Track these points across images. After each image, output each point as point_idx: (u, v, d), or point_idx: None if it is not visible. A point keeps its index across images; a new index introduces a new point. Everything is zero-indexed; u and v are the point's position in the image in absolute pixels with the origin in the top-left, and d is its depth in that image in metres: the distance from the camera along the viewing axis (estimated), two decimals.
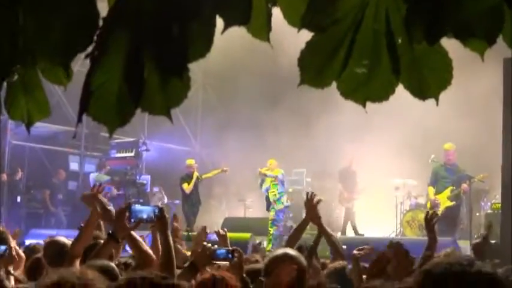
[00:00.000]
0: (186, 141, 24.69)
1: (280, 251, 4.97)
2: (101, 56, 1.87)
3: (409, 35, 1.98)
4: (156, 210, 5.05)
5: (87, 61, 1.94)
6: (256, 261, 6.27)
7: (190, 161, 19.69)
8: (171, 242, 4.97)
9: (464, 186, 16.39)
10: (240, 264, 5.33)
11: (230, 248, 5.46)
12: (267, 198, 18.25)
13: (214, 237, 7.21)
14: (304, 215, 7.03)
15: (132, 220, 4.94)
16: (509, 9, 1.80)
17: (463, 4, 1.81)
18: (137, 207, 5.07)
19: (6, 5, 1.86)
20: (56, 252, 5.72)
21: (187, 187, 18.82)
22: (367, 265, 5.58)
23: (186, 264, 5.14)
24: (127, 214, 4.94)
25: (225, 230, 7.18)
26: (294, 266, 4.55)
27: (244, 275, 5.25)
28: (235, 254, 5.29)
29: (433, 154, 17.22)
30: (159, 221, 5.01)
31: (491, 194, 17.93)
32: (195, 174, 18.90)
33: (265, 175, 18.11)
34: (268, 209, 18.21)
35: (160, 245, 5.09)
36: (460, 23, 1.83)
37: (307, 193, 6.85)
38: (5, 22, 1.87)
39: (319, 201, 6.63)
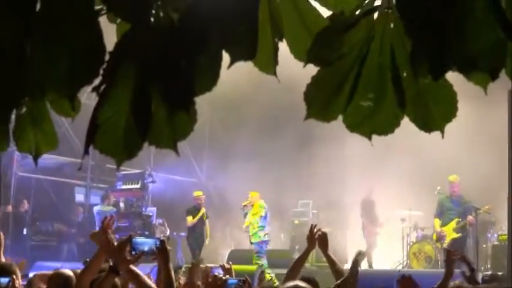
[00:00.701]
0: (192, 172, 24.68)
1: (291, 283, 4.98)
2: (108, 90, 1.90)
3: (414, 70, 1.99)
4: (158, 243, 5.05)
5: (94, 94, 1.96)
6: None
7: (198, 193, 19.68)
8: (172, 274, 4.96)
9: (470, 218, 16.37)
10: None
11: (241, 278, 5.46)
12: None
13: (219, 271, 7.19)
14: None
15: (134, 252, 4.93)
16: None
17: (467, 40, 1.82)
18: (139, 239, 5.07)
19: (15, 37, 1.88)
20: (61, 285, 5.70)
21: (190, 220, 18.86)
22: None
23: None
24: (128, 246, 4.93)
25: (230, 263, 7.18)
26: None
27: None
28: (246, 285, 5.29)
29: (439, 186, 17.20)
30: (160, 253, 5.01)
31: (497, 225, 17.86)
32: (203, 210, 18.92)
33: (245, 206, 18.26)
34: (251, 242, 18.37)
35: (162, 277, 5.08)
36: (463, 58, 1.85)
37: (311, 225, 6.95)
38: (13, 54, 1.89)
39: (321, 233, 6.69)
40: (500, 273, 10.37)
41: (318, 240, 6.69)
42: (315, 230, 6.76)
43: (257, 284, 12.07)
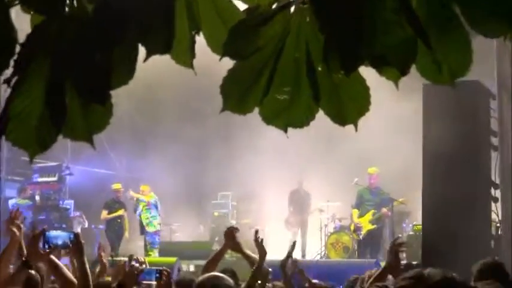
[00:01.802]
0: (110, 165, 24.38)
1: (211, 274, 5.04)
2: (21, 81, 1.86)
3: (327, 65, 2.03)
4: (72, 236, 4.99)
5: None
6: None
7: (117, 185, 19.55)
8: (87, 267, 4.92)
9: (384, 210, 16.75)
10: (168, 284, 5.32)
11: (158, 269, 5.44)
12: (140, 222, 18.64)
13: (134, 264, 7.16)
14: None
15: (47, 246, 4.87)
16: (422, 42, 1.87)
17: (377, 37, 1.87)
18: (52, 233, 5.01)
19: None
20: None
21: (104, 215, 18.88)
22: None
23: (114, 285, 5.09)
24: (41, 240, 4.87)
25: (144, 257, 7.21)
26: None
27: None
28: (164, 274, 5.29)
29: (357, 177, 17.50)
30: (74, 247, 4.95)
31: (412, 216, 18.27)
32: (120, 211, 18.86)
33: (138, 199, 18.37)
34: (141, 233, 18.63)
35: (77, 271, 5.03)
36: (374, 54, 1.90)
37: (229, 227, 7.09)
38: None
39: (236, 229, 6.89)
40: (414, 263, 10.63)
41: (226, 236, 6.75)
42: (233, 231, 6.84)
43: (176, 276, 12.05)
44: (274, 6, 2.26)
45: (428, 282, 2.39)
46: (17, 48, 1.86)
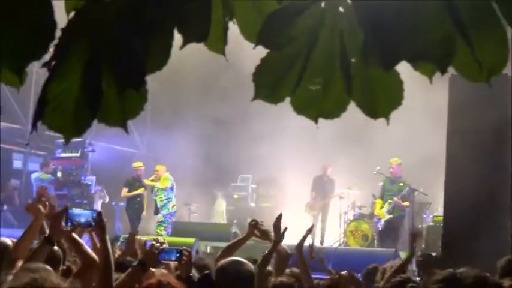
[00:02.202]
0: (132, 143, 24.49)
1: (231, 258, 5.06)
2: (59, 66, 1.87)
3: (366, 61, 2.02)
4: (94, 215, 5.03)
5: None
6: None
7: (138, 164, 19.64)
8: (109, 245, 4.95)
9: (396, 199, 16.67)
10: (189, 263, 5.36)
11: (179, 248, 5.47)
12: (155, 203, 18.74)
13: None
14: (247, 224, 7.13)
15: (69, 224, 4.91)
16: (463, 40, 1.86)
17: (418, 34, 1.86)
18: (75, 211, 5.05)
19: None
20: None
21: (124, 193, 18.97)
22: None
23: (134, 263, 5.12)
24: (64, 217, 4.92)
25: (164, 238, 7.25)
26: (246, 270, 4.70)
27: (192, 274, 5.29)
28: (185, 253, 5.32)
29: (379, 166, 17.44)
30: (97, 226, 4.99)
31: (433, 207, 18.22)
32: (140, 190, 18.95)
33: (154, 186, 18.41)
34: (155, 213, 18.74)
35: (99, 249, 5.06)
36: (414, 51, 1.88)
37: (253, 220, 7.00)
38: None
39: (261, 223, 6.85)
40: (434, 254, 10.60)
41: (261, 234, 6.77)
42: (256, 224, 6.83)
43: (194, 256, 12.11)
44: None
45: (461, 284, 2.37)
46: (58, 33, 1.87)
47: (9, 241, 5.85)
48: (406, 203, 16.87)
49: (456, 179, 10.05)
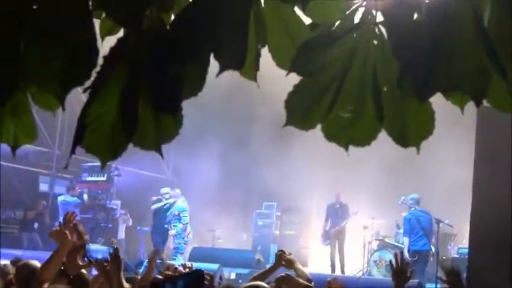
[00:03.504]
0: (158, 168, 24.59)
1: (254, 283, 5.07)
2: (98, 91, 1.91)
3: (402, 92, 2.03)
4: (111, 250, 5.09)
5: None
6: None
7: (165, 190, 19.71)
8: (123, 282, 4.99)
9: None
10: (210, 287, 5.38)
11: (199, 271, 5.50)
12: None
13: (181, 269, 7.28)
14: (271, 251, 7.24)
15: (86, 259, 4.99)
16: (496, 72, 1.87)
17: (453, 65, 1.87)
18: (92, 246, 5.16)
19: (11, 34, 1.88)
20: (28, 276, 5.68)
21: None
22: None
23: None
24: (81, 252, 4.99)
25: (191, 263, 7.31)
26: None
27: None
28: (206, 278, 5.34)
29: (403, 196, 17.33)
30: (113, 261, 5.03)
31: (458, 238, 18.07)
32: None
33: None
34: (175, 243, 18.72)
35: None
36: (450, 83, 1.89)
37: (280, 250, 7.15)
38: (8, 50, 1.89)
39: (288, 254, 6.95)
40: None
41: (286, 263, 6.88)
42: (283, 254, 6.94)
43: (217, 282, 12.10)
44: (337, 23, 2.28)
45: None
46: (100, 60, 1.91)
47: (37, 264, 5.91)
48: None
49: (483, 209, 9.96)
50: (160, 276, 5.48)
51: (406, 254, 16.52)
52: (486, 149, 9.90)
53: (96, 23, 2.21)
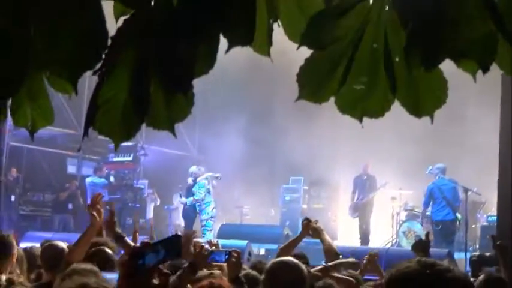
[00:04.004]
0: (183, 146, 24.67)
1: (279, 258, 5.09)
2: (109, 73, 1.92)
3: (408, 61, 2.03)
4: (227, 253, 5.39)
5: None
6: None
7: (192, 168, 19.75)
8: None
9: None
10: (238, 264, 5.41)
11: (228, 250, 5.54)
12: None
13: (207, 246, 7.33)
14: (300, 225, 7.26)
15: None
16: (503, 38, 1.86)
17: (459, 33, 1.86)
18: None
19: (20, 18, 1.90)
20: (53, 257, 5.76)
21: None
22: None
23: (185, 265, 5.19)
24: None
25: (217, 240, 7.38)
26: (296, 272, 4.71)
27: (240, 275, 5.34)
28: (234, 255, 5.38)
29: (430, 165, 17.24)
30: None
31: (487, 206, 17.99)
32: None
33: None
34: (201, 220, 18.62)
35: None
36: (456, 50, 1.89)
37: (306, 218, 7.19)
38: (18, 35, 1.91)
39: (314, 227, 7.00)
40: (488, 254, 10.46)
41: (313, 232, 6.91)
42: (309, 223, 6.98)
43: (246, 259, 12.16)
44: None
45: None
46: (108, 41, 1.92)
47: (63, 245, 5.98)
48: None
49: (509, 177, 9.91)
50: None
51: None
52: (511, 117, 9.83)
53: (109, 4, 2.22)
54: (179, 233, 4.91)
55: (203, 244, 7.00)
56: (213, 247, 6.91)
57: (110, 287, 3.35)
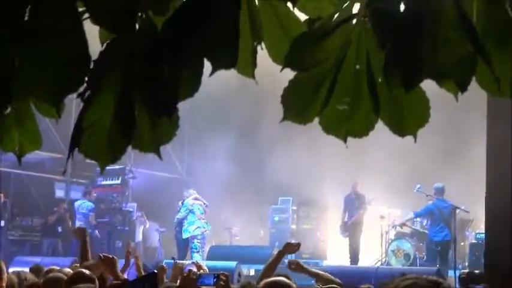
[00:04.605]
0: (172, 168, 24.68)
1: (273, 278, 5.10)
2: (93, 96, 1.95)
3: (388, 82, 2.06)
4: (216, 276, 5.39)
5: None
6: None
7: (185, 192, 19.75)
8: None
9: None
10: (226, 287, 5.40)
11: (216, 273, 5.55)
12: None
13: (193, 267, 7.31)
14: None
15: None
16: (481, 59, 1.89)
17: (437, 54, 1.90)
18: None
19: (4, 45, 1.92)
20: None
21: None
22: None
23: None
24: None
25: (199, 262, 7.47)
26: None
27: None
28: (222, 278, 5.38)
29: (419, 184, 17.30)
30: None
31: (475, 224, 18.04)
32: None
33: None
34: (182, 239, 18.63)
35: None
36: (434, 70, 1.92)
37: (288, 242, 7.43)
38: (2, 62, 1.93)
39: (298, 245, 7.25)
40: (477, 272, 10.50)
41: (296, 268, 6.94)
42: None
43: (236, 280, 12.13)
44: (335, 16, 2.30)
45: None
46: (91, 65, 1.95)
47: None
48: None
49: (497, 194, 9.94)
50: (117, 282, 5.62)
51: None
52: (497, 136, 9.87)
53: (96, 29, 2.25)
54: (155, 271, 4.97)
55: (186, 266, 7.01)
56: (199, 269, 6.91)
57: None
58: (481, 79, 2.01)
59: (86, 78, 1.94)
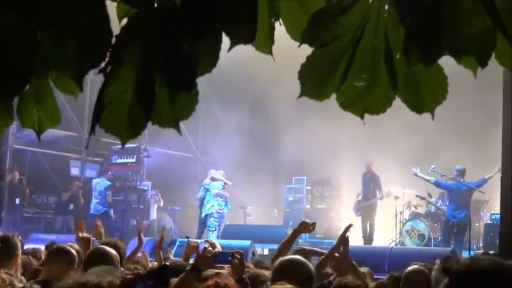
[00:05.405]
0: (186, 147, 24.71)
1: (291, 256, 5.12)
2: (114, 72, 1.96)
3: (407, 57, 2.06)
4: (231, 254, 5.38)
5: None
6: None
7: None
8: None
9: None
10: (242, 265, 5.41)
11: (231, 251, 5.56)
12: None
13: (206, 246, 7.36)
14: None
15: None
16: (501, 34, 1.88)
17: (457, 28, 1.89)
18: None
19: (25, 21, 1.93)
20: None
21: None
22: None
23: (187, 268, 5.20)
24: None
25: (213, 240, 7.48)
26: (304, 270, 4.73)
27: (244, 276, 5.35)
28: (237, 256, 5.38)
29: (433, 164, 17.23)
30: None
31: (491, 204, 17.99)
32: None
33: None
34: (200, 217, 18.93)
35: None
36: (454, 46, 1.91)
37: (303, 221, 7.30)
38: (24, 37, 1.94)
39: (313, 224, 7.09)
40: (491, 252, 10.46)
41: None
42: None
43: (250, 259, 12.17)
44: None
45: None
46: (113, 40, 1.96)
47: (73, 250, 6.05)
48: None
49: None
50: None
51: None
52: None
53: (113, 4, 2.25)
54: (167, 263, 4.97)
55: (200, 245, 7.04)
56: (213, 248, 6.93)
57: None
58: (500, 55, 2.00)
59: (108, 53, 1.94)
